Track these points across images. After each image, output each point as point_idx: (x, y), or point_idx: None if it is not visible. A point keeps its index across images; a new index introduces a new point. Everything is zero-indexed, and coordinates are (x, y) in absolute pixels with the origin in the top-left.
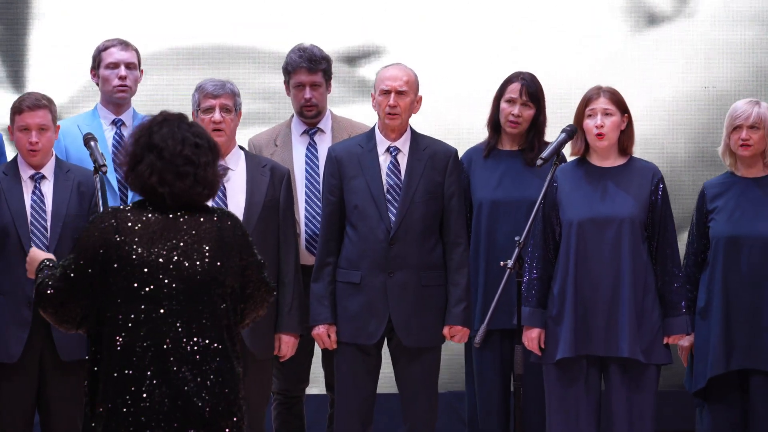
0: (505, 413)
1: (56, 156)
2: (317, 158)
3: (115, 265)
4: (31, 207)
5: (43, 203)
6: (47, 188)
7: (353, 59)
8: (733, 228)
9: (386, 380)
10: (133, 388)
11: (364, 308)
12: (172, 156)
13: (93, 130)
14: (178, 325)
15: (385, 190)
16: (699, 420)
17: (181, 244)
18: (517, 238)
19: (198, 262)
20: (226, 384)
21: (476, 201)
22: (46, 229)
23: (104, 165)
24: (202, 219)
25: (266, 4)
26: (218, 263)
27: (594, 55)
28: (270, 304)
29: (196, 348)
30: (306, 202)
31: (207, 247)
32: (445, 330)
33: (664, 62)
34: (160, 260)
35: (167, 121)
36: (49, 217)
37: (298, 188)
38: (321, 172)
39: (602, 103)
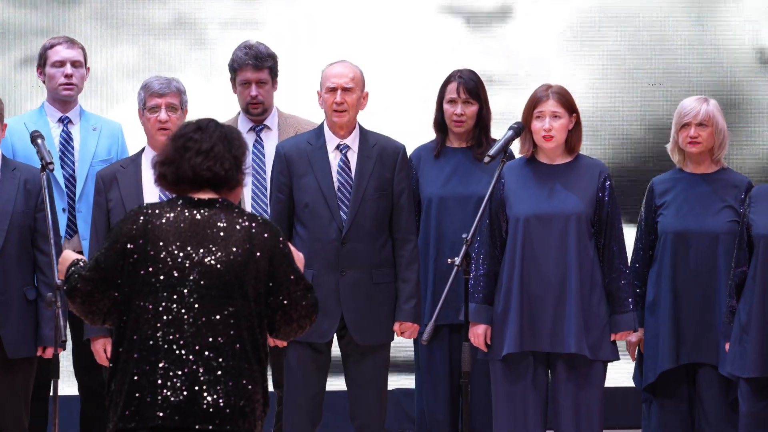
0: (453, 409)
1: (2, 154)
2: (263, 155)
3: (141, 259)
4: None
5: None
6: None
7: None
8: (681, 223)
9: (335, 377)
10: (147, 381)
11: None
12: (176, 137)
13: (40, 128)
14: (196, 321)
15: (336, 188)
16: (646, 416)
17: (208, 242)
18: (464, 236)
19: (222, 262)
20: (240, 383)
21: (425, 197)
22: None
23: (51, 162)
24: (235, 221)
25: None
26: (242, 265)
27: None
28: (310, 323)
29: (212, 346)
30: (252, 199)
31: (233, 249)
32: (396, 326)
33: None
34: (185, 257)
35: (197, 121)
36: None
37: (245, 186)
38: (267, 168)
39: (550, 105)
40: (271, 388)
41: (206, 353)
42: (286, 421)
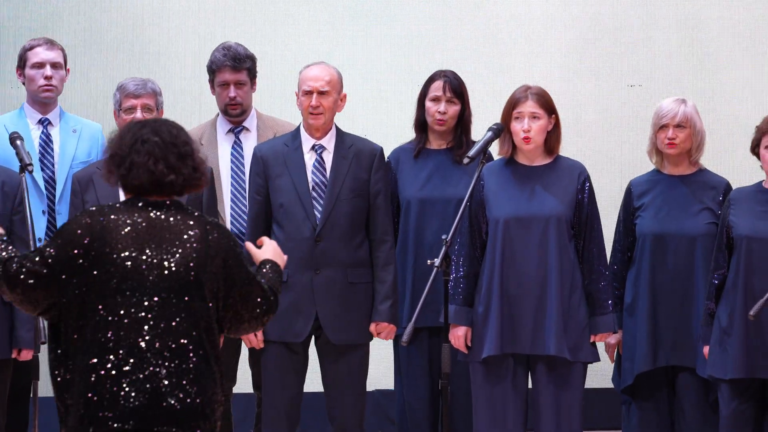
0: (434, 411)
1: None
2: (242, 156)
3: (97, 262)
4: None
5: None
6: None
7: None
8: (660, 225)
9: (314, 379)
10: (108, 383)
11: (290, 306)
12: (171, 138)
13: (19, 130)
14: (156, 323)
15: (311, 187)
16: (625, 417)
17: (165, 245)
18: (444, 237)
19: (180, 264)
20: (200, 385)
21: (404, 199)
22: None
23: (30, 164)
24: (190, 223)
25: None
26: (199, 267)
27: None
28: (262, 323)
29: (173, 347)
30: (231, 200)
31: (190, 251)
32: (372, 327)
33: None
34: (143, 259)
35: (146, 120)
36: None
37: (224, 187)
38: (246, 170)
39: (529, 106)
40: (251, 390)
41: (166, 356)
42: (265, 423)
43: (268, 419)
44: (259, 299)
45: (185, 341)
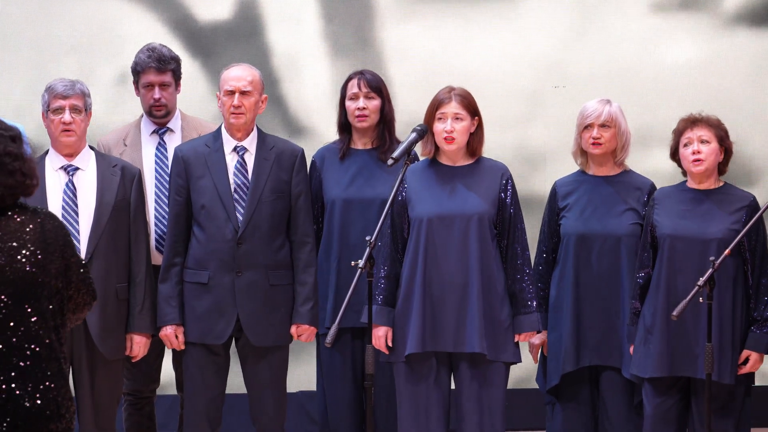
0: (357, 412)
1: None
2: (166, 158)
3: None
4: None
5: None
6: None
7: None
8: (584, 225)
9: (237, 381)
10: None
11: (212, 308)
12: (6, 152)
13: None
14: (6, 327)
15: (233, 189)
16: (549, 417)
17: (7, 246)
18: (368, 238)
19: (24, 264)
20: (55, 385)
21: (328, 200)
22: None
23: None
24: (26, 220)
25: None
26: (43, 264)
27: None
28: (89, 309)
29: (25, 349)
30: (156, 201)
31: (32, 248)
32: (293, 329)
33: None
34: None
35: None
36: None
37: (148, 188)
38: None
39: (453, 107)
40: (175, 392)
41: (19, 359)
42: (186, 425)
43: (189, 420)
44: (92, 284)
45: (37, 343)
